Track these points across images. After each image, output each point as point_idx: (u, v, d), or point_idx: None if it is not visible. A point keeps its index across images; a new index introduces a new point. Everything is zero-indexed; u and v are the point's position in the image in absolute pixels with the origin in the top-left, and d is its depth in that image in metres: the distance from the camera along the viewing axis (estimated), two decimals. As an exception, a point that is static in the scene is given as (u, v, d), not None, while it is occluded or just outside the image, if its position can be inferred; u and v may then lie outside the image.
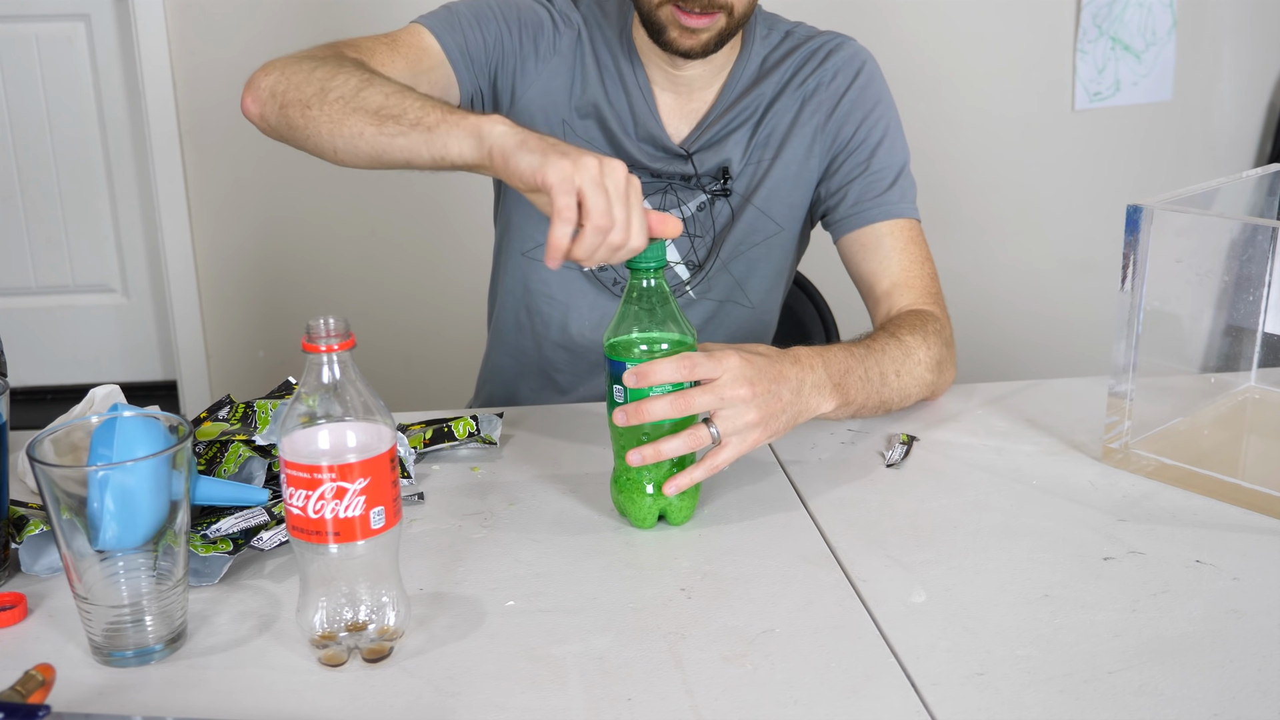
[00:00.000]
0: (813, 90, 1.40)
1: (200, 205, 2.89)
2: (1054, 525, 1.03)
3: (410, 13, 1.38)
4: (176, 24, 2.76)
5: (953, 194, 2.98)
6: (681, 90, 1.41)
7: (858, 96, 1.40)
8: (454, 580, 0.95)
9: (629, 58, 1.41)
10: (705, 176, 1.41)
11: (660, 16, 1.31)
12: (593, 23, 1.42)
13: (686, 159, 1.41)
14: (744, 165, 1.41)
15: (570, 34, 1.41)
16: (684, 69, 1.38)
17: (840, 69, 1.40)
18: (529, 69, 1.39)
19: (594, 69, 1.41)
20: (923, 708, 0.78)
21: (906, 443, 1.19)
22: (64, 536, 0.81)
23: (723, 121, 1.40)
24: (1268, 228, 1.16)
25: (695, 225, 1.43)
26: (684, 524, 1.04)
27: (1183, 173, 3.03)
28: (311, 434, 0.81)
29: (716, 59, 1.39)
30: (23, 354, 2.98)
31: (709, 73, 1.40)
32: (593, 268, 1.22)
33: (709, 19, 1.29)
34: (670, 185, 1.42)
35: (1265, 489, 1.05)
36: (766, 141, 1.41)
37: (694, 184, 1.42)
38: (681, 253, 1.44)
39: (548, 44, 1.40)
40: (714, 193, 1.42)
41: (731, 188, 1.41)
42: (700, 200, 1.42)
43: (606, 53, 1.41)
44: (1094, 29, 2.89)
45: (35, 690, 0.76)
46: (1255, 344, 1.24)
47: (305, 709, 0.79)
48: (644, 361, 0.98)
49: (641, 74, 1.41)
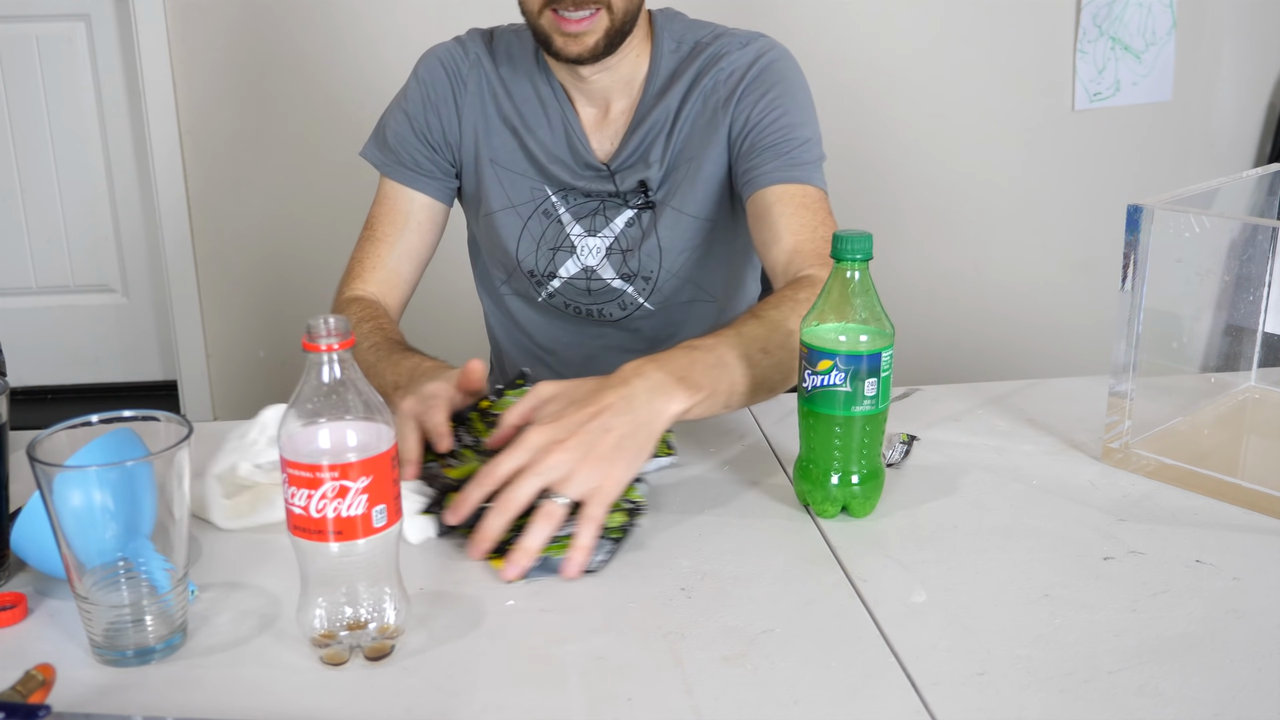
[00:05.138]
0: (711, 89, 1.40)
1: (200, 205, 2.89)
2: (1054, 525, 1.03)
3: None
4: (176, 24, 2.76)
5: (953, 194, 2.98)
6: (598, 102, 1.42)
7: (751, 82, 1.38)
8: (454, 580, 0.95)
9: (546, 78, 1.42)
10: (628, 193, 1.42)
11: (543, 25, 1.31)
12: (502, 51, 1.44)
13: (609, 176, 1.42)
14: (663, 177, 1.42)
15: (477, 71, 1.44)
16: (589, 79, 1.38)
17: (736, 64, 1.39)
18: (454, 128, 1.44)
19: (505, 98, 1.43)
20: (923, 708, 0.78)
21: (906, 443, 1.19)
22: (65, 537, 0.81)
23: (638, 136, 1.41)
24: (1268, 228, 1.16)
25: (626, 240, 1.44)
26: (867, 516, 1.05)
27: (1183, 173, 3.03)
28: (312, 433, 0.81)
29: (620, 67, 1.39)
30: (23, 354, 2.98)
31: (618, 81, 1.40)
32: None
33: (588, 20, 1.29)
34: (601, 204, 1.43)
35: (1265, 489, 1.05)
36: (680, 150, 1.41)
37: (620, 200, 1.43)
38: (616, 269, 1.45)
39: (461, 91, 1.44)
40: (638, 207, 1.43)
41: (653, 199, 1.42)
42: (628, 216, 1.43)
43: (522, 78, 1.43)
44: (1094, 29, 2.89)
45: (35, 690, 0.76)
46: (1255, 344, 1.24)
47: (305, 709, 0.79)
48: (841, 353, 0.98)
49: (560, 91, 1.42)
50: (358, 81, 2.73)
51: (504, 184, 1.44)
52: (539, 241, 1.45)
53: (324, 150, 2.81)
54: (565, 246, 1.44)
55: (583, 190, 1.43)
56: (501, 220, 1.45)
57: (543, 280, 1.47)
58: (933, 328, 3.02)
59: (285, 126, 2.82)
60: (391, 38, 2.72)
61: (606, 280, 1.45)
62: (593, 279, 1.45)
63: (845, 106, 2.83)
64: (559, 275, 1.46)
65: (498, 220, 1.45)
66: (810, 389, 1.01)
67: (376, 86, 1.72)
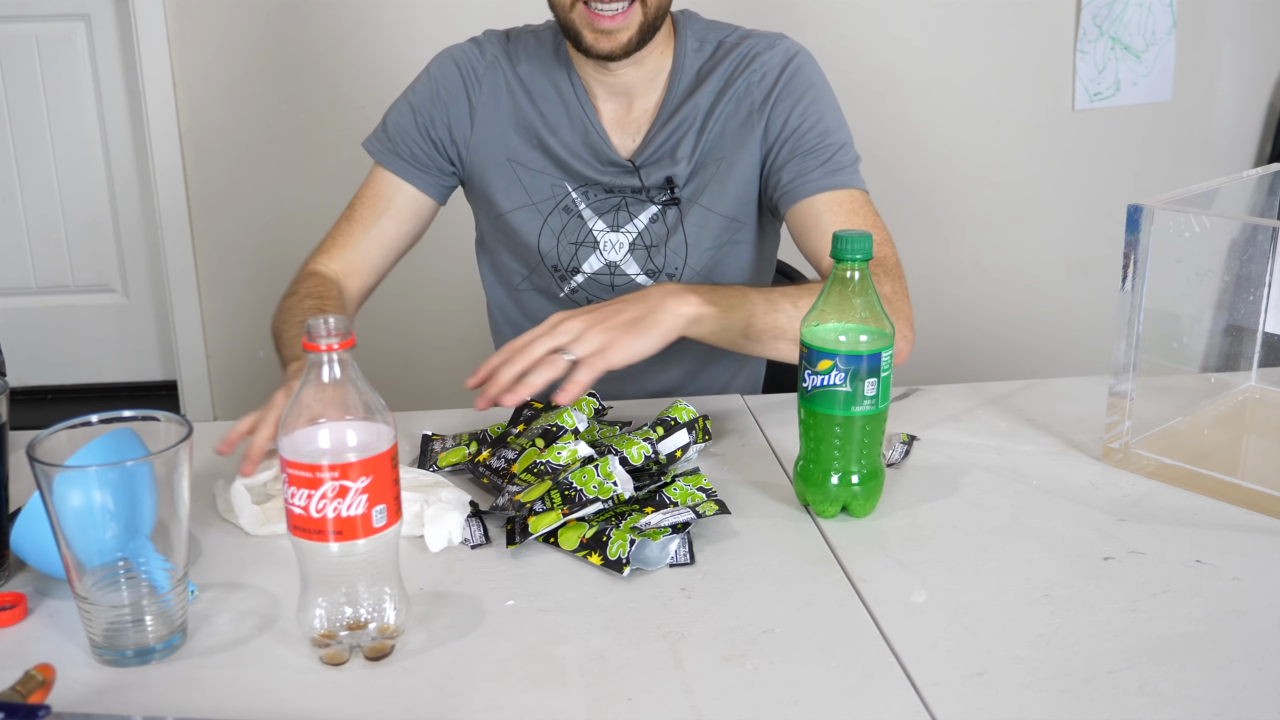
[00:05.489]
0: (745, 91, 1.41)
1: (200, 205, 2.89)
2: (1054, 525, 1.03)
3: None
4: (176, 24, 2.76)
5: (953, 194, 2.98)
6: (620, 98, 1.43)
7: (785, 87, 1.40)
8: (454, 579, 0.95)
9: (567, 75, 1.43)
10: (653, 189, 1.42)
11: (574, 20, 1.32)
12: (521, 51, 1.44)
13: (634, 172, 1.42)
14: (690, 174, 1.42)
15: (494, 72, 1.44)
16: (616, 73, 1.39)
17: (768, 67, 1.41)
18: (464, 127, 1.44)
19: (524, 97, 1.43)
20: (923, 708, 0.78)
21: (906, 443, 1.19)
22: (65, 537, 0.81)
23: (665, 133, 1.41)
24: (1268, 228, 1.16)
25: (650, 236, 1.44)
26: (867, 516, 1.05)
27: (1183, 173, 3.03)
28: (312, 433, 0.81)
29: (648, 61, 1.40)
30: (23, 354, 2.98)
31: (644, 77, 1.41)
32: None
33: (622, 16, 1.30)
34: (624, 200, 1.44)
35: (1265, 489, 1.05)
36: (710, 150, 1.42)
37: (644, 196, 1.43)
38: (640, 264, 1.45)
39: (476, 92, 1.44)
40: (663, 203, 1.43)
41: (679, 195, 1.43)
42: (652, 212, 1.44)
43: (541, 76, 1.43)
44: (1094, 29, 2.89)
45: (35, 690, 0.76)
46: (1255, 344, 1.24)
47: (305, 709, 0.79)
48: (841, 353, 0.99)
49: (580, 88, 1.42)
50: (358, 81, 2.73)
51: (523, 182, 1.45)
52: (559, 236, 1.45)
53: (324, 150, 2.81)
54: (588, 242, 1.45)
55: (605, 186, 1.43)
56: (520, 218, 1.46)
57: (566, 275, 1.47)
58: (933, 328, 3.01)
59: (285, 126, 2.82)
60: (393, 37, 2.72)
61: (631, 275, 1.46)
62: (616, 274, 1.46)
63: (845, 106, 2.82)
64: (582, 270, 1.46)
65: (516, 218, 1.46)
66: (810, 389, 1.01)
67: (377, 86, 1.72)
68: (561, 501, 0.99)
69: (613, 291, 1.47)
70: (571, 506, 0.98)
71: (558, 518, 0.98)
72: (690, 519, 0.97)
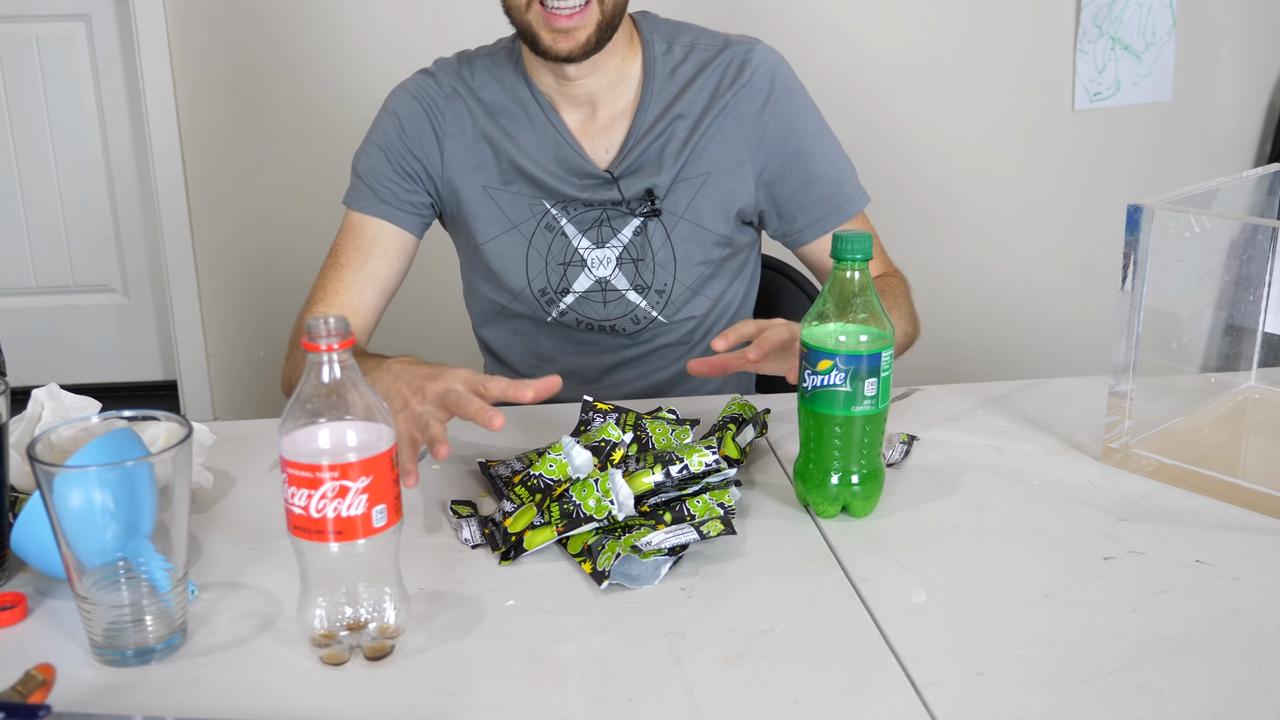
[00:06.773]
0: (732, 104, 1.40)
1: (200, 205, 2.89)
2: (1054, 525, 1.03)
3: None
4: (176, 24, 2.76)
5: (953, 194, 2.98)
6: (583, 106, 1.41)
7: (777, 108, 1.40)
8: (454, 580, 0.95)
9: (529, 90, 1.41)
10: (633, 200, 1.41)
11: (530, 21, 1.30)
12: (479, 75, 1.43)
13: (613, 183, 1.40)
14: (673, 184, 1.41)
15: (455, 102, 1.42)
16: (577, 81, 1.37)
17: (756, 83, 1.40)
18: (434, 160, 1.43)
19: (489, 121, 1.42)
20: (923, 708, 0.78)
21: (906, 443, 1.19)
22: (65, 537, 0.81)
23: (645, 143, 1.39)
24: (1268, 228, 1.16)
25: (635, 249, 1.43)
26: (867, 516, 1.05)
27: (1182, 173, 3.03)
28: (312, 433, 0.81)
29: (609, 68, 1.38)
30: (23, 354, 2.98)
31: (606, 85, 1.39)
32: None
33: (579, 15, 1.28)
34: (605, 214, 1.42)
35: (1265, 489, 1.05)
36: (695, 161, 1.40)
37: (625, 209, 1.41)
38: (629, 279, 1.44)
39: (440, 123, 1.43)
40: (644, 215, 1.41)
41: (660, 207, 1.41)
42: (635, 225, 1.42)
43: (503, 95, 1.42)
44: (1094, 29, 2.89)
45: (35, 690, 0.76)
46: (1255, 344, 1.24)
47: (305, 709, 0.79)
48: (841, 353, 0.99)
49: (545, 101, 1.40)
50: (358, 81, 2.73)
51: (501, 206, 1.43)
52: (546, 258, 1.43)
53: (324, 150, 2.81)
54: (575, 261, 1.43)
55: (584, 201, 1.41)
56: (503, 244, 1.44)
57: (554, 298, 1.45)
58: (933, 328, 3.01)
59: (285, 127, 2.82)
60: (392, 37, 2.72)
61: (621, 291, 1.44)
62: (608, 290, 1.44)
63: (844, 106, 2.83)
64: (573, 290, 1.44)
65: (498, 245, 1.44)
66: (810, 389, 1.01)
67: (377, 86, 1.72)
68: (560, 516, 0.98)
69: (605, 309, 1.46)
70: (569, 523, 0.98)
71: (552, 534, 0.98)
72: (692, 540, 0.95)
